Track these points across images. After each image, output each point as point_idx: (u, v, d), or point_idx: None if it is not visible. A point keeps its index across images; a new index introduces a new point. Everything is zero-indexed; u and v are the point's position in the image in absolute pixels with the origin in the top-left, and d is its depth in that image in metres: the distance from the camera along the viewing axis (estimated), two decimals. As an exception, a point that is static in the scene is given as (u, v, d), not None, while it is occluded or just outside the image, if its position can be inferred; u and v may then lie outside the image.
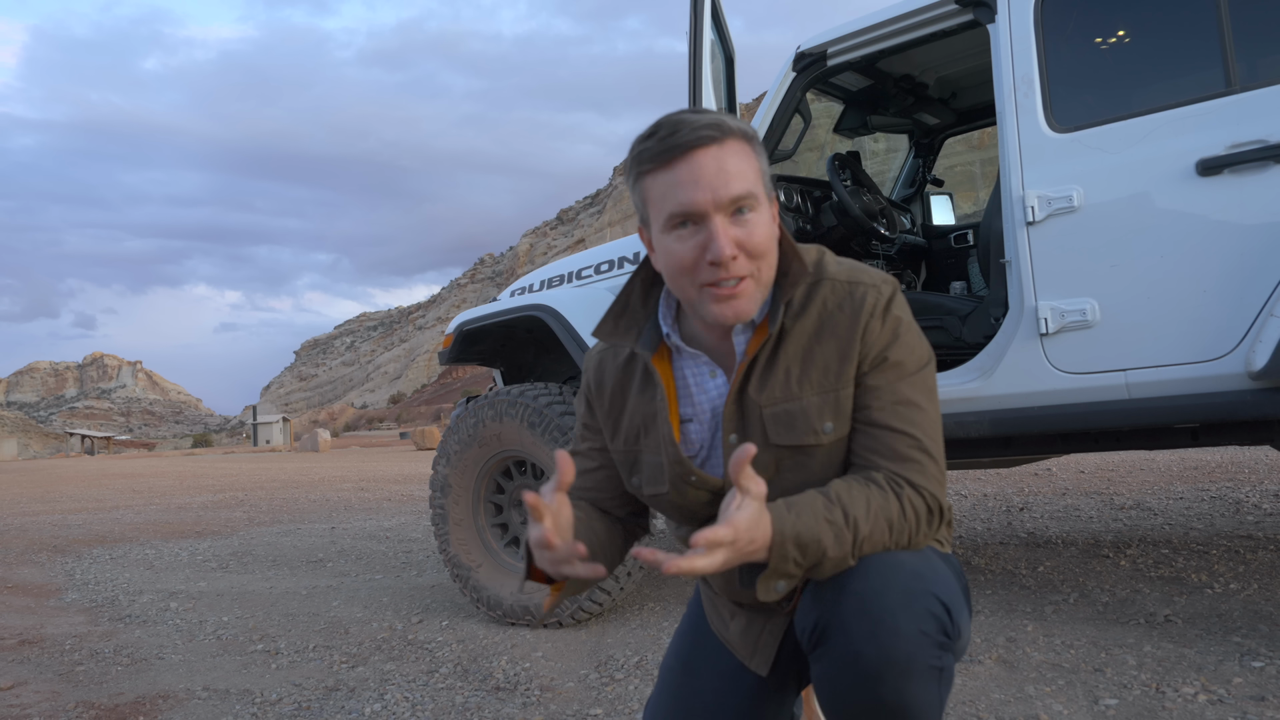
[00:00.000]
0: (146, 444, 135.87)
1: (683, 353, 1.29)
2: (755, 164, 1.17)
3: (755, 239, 1.14)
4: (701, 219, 1.13)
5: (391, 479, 12.75)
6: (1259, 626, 2.57)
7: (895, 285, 1.23)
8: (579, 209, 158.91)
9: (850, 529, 1.09)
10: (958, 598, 1.14)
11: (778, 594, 1.10)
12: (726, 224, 1.13)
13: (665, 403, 1.27)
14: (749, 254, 1.15)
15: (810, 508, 1.09)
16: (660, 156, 1.14)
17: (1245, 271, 2.20)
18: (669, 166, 1.14)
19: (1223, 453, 6.91)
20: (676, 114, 1.16)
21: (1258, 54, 2.29)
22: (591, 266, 3.50)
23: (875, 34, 3.00)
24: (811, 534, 1.07)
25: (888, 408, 1.18)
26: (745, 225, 1.14)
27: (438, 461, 3.55)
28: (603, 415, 1.38)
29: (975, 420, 2.59)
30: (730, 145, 1.14)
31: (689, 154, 1.13)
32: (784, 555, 1.06)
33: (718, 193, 1.12)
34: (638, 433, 1.32)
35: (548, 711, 2.38)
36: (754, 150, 1.18)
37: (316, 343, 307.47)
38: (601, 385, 1.38)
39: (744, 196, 1.13)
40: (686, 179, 1.13)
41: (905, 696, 1.06)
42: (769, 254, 1.17)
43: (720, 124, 1.14)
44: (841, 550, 1.09)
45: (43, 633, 3.64)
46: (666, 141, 1.13)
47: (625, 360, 1.36)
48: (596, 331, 1.33)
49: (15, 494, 12.85)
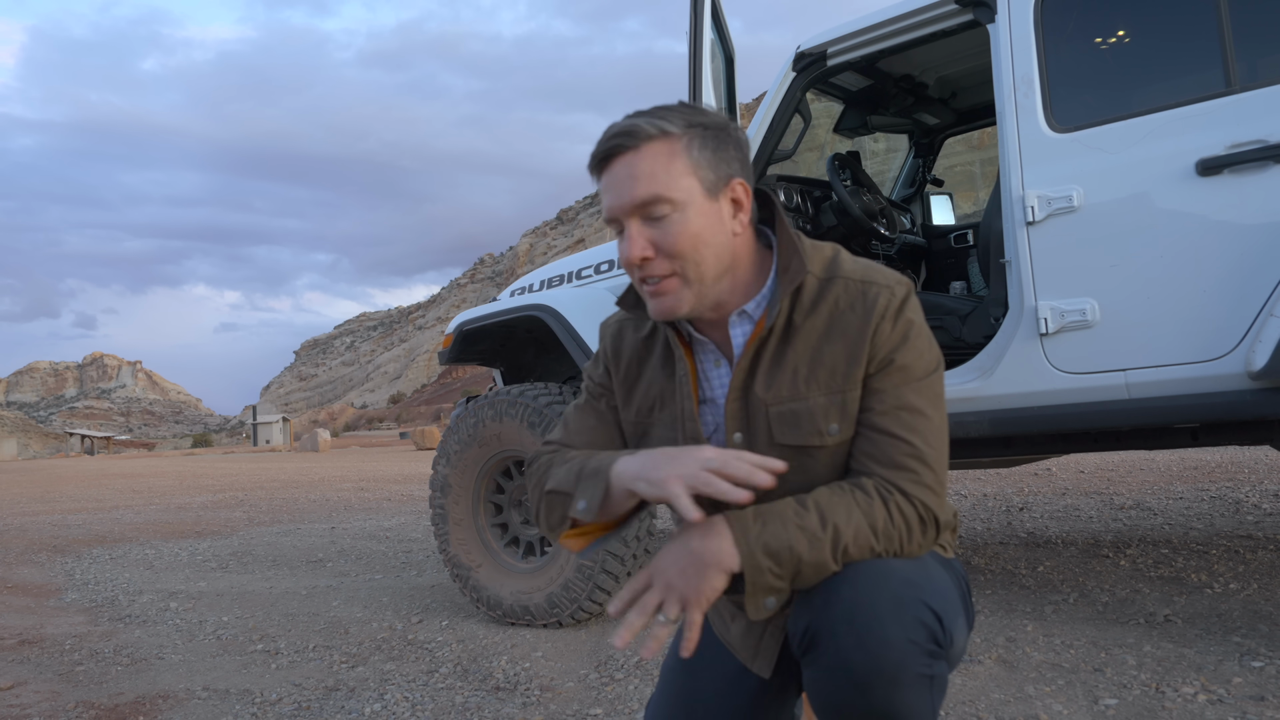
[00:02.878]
0: (146, 444, 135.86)
1: (693, 340, 1.30)
2: (680, 162, 1.17)
3: (669, 239, 1.16)
4: (621, 222, 1.20)
5: (391, 479, 12.75)
6: (1259, 626, 2.57)
7: (909, 287, 1.22)
8: (579, 209, 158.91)
9: (828, 533, 1.09)
10: (952, 604, 1.13)
11: (769, 610, 1.11)
12: (641, 227, 1.18)
13: (688, 379, 1.28)
14: (666, 254, 1.17)
15: (779, 516, 1.10)
16: (592, 166, 1.22)
17: (1245, 271, 2.20)
18: (600, 174, 1.22)
19: (1223, 453, 6.91)
20: (620, 121, 1.20)
21: (1258, 54, 2.29)
22: (591, 266, 3.50)
23: (875, 34, 3.00)
24: (781, 541, 1.08)
25: (890, 412, 1.17)
26: (660, 227, 1.17)
27: (438, 461, 3.55)
28: (618, 381, 1.38)
29: (975, 420, 2.59)
30: (647, 149, 1.16)
31: (606, 163, 1.20)
32: (757, 567, 1.07)
33: (622, 199, 1.18)
34: (652, 405, 1.33)
35: (548, 711, 2.38)
36: (683, 146, 1.17)
37: (316, 343, 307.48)
38: (619, 353, 1.38)
39: (648, 201, 1.16)
40: (607, 186, 1.20)
41: (895, 704, 1.06)
42: (695, 251, 1.17)
43: (633, 130, 1.16)
44: (818, 555, 1.09)
45: (43, 633, 3.64)
46: (594, 151, 1.21)
47: (648, 334, 1.36)
48: (621, 300, 1.34)
49: (15, 494, 12.85)
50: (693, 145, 1.18)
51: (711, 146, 1.19)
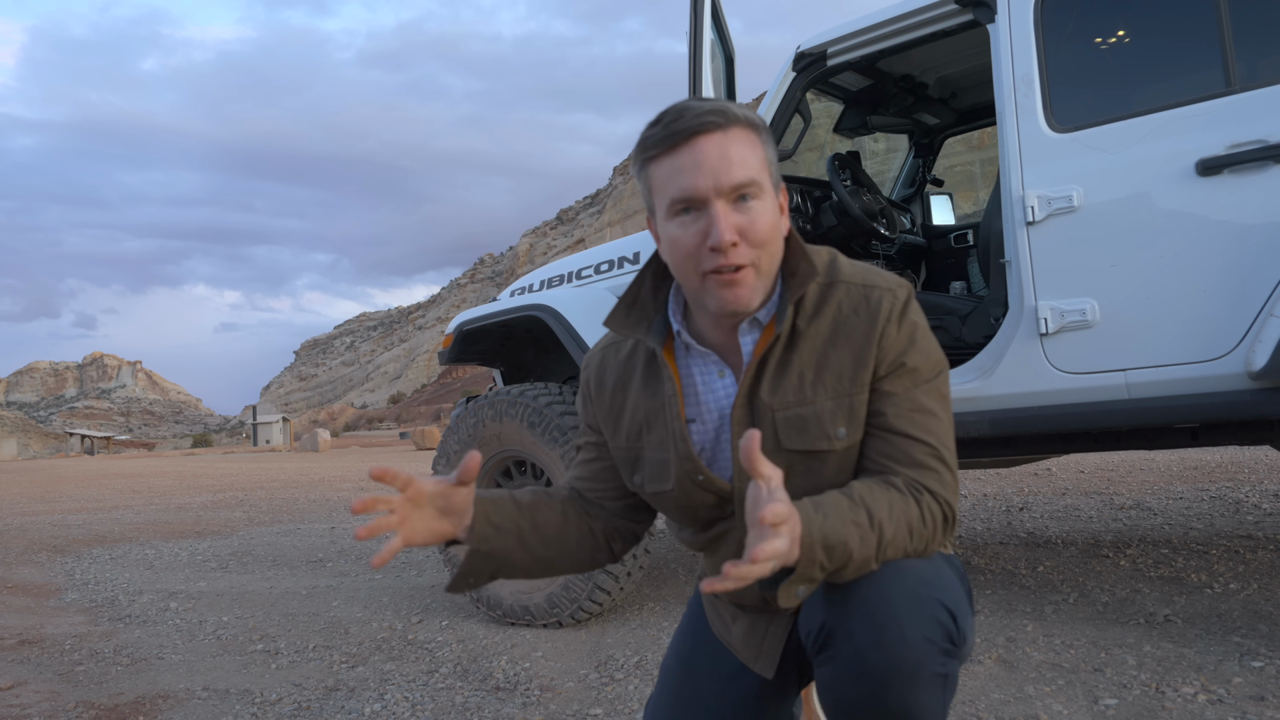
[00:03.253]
0: (146, 444, 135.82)
1: (691, 350, 1.27)
2: (761, 153, 1.16)
3: (757, 227, 1.13)
4: (703, 205, 1.13)
5: (391, 479, 12.73)
6: (1259, 626, 2.57)
7: (910, 289, 1.21)
8: (579, 209, 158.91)
9: (875, 532, 1.07)
10: (963, 603, 1.13)
11: (799, 599, 1.07)
12: (728, 210, 1.13)
13: (675, 398, 1.26)
14: (750, 242, 1.14)
15: (836, 509, 1.06)
16: (664, 142, 1.14)
17: (1245, 271, 2.20)
18: (672, 152, 1.14)
19: (1223, 453, 6.91)
20: (682, 102, 1.16)
21: (1258, 54, 2.29)
22: (591, 266, 3.50)
23: (875, 34, 3.00)
24: (839, 536, 1.04)
25: (905, 414, 1.16)
26: (747, 213, 1.13)
27: (438, 461, 3.55)
28: (602, 414, 1.37)
29: (975, 420, 2.59)
30: (735, 132, 1.13)
31: (691, 140, 1.12)
32: (812, 558, 1.03)
33: (719, 179, 1.11)
34: (640, 429, 1.31)
35: (548, 711, 2.38)
36: (760, 139, 1.17)
37: (316, 343, 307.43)
38: (602, 384, 1.37)
39: (746, 184, 1.12)
40: (689, 164, 1.12)
41: (910, 703, 1.06)
42: (771, 244, 1.16)
43: (724, 110, 1.13)
44: (866, 553, 1.07)
45: (43, 633, 3.64)
46: (670, 127, 1.13)
47: (628, 355, 1.35)
48: (608, 321, 1.31)
49: (15, 494, 12.85)
50: (767, 141, 1.18)
51: (773, 147, 1.20)
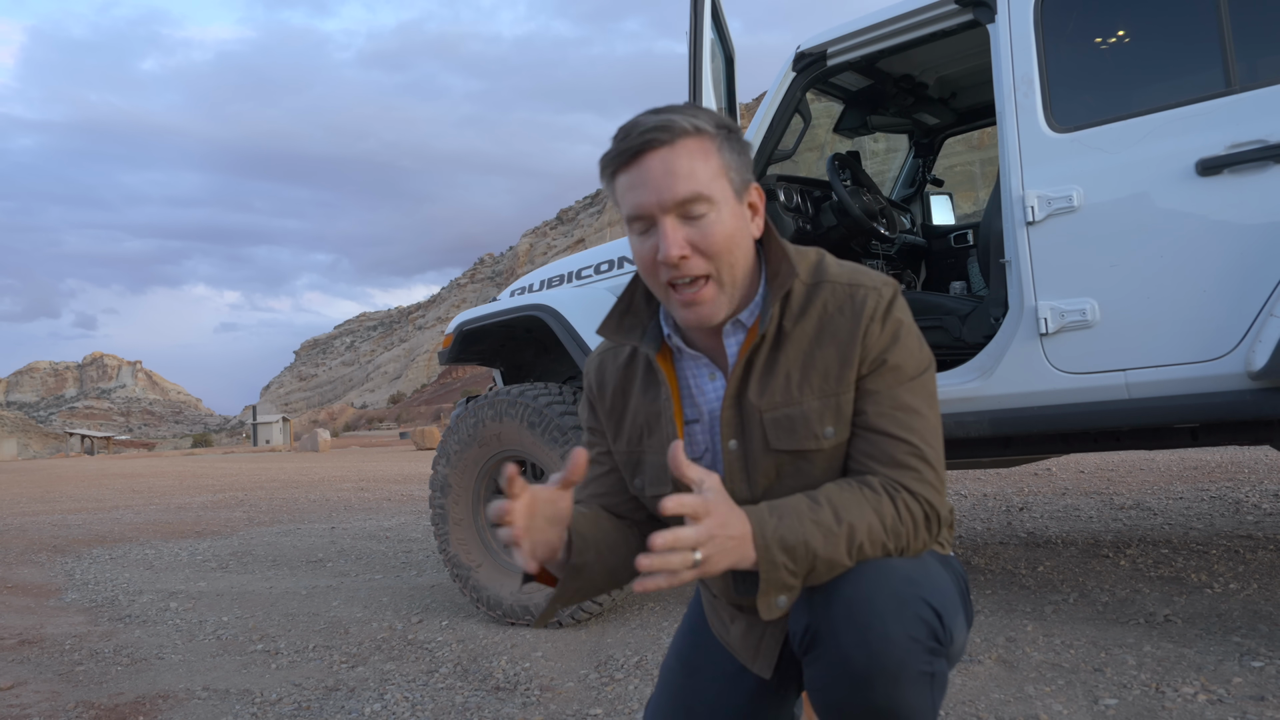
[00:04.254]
0: (146, 444, 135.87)
1: (683, 354, 1.28)
2: (715, 161, 1.16)
3: (709, 239, 1.14)
4: (652, 220, 1.15)
5: (391, 479, 12.75)
6: (1259, 626, 2.57)
7: (896, 288, 1.21)
8: (579, 209, 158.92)
9: (843, 529, 1.08)
10: (952, 602, 1.13)
11: (780, 609, 1.08)
12: (676, 225, 1.14)
13: (670, 402, 1.27)
14: (704, 253, 1.15)
15: (794, 510, 1.08)
16: (616, 160, 1.17)
17: (1245, 271, 2.20)
18: (625, 169, 1.17)
19: (1223, 453, 6.91)
20: (636, 116, 1.17)
21: (1258, 54, 2.30)
22: (591, 266, 3.50)
23: (875, 34, 3.00)
24: (797, 536, 1.05)
25: (886, 413, 1.17)
26: (699, 225, 1.14)
27: (438, 461, 3.55)
28: (604, 416, 1.37)
29: (975, 420, 2.59)
30: (682, 145, 1.14)
31: (638, 157, 1.15)
32: (772, 562, 1.04)
33: (662, 195, 1.13)
34: (640, 433, 1.32)
35: (548, 711, 2.38)
36: (715, 145, 1.16)
37: (316, 343, 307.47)
38: (603, 387, 1.37)
39: (690, 198, 1.13)
40: (637, 182, 1.15)
41: (897, 702, 1.06)
42: (729, 252, 1.16)
43: (669, 125, 1.14)
44: (833, 552, 1.07)
45: (43, 633, 3.64)
46: (619, 145, 1.16)
47: (626, 361, 1.35)
48: (601, 329, 1.32)
49: (15, 494, 12.85)
50: (724, 146, 1.18)
51: (737, 149, 1.20)
